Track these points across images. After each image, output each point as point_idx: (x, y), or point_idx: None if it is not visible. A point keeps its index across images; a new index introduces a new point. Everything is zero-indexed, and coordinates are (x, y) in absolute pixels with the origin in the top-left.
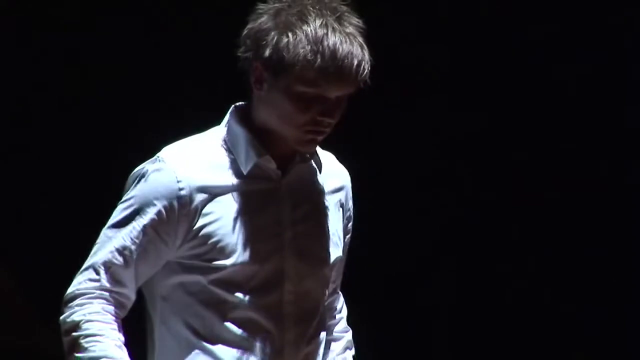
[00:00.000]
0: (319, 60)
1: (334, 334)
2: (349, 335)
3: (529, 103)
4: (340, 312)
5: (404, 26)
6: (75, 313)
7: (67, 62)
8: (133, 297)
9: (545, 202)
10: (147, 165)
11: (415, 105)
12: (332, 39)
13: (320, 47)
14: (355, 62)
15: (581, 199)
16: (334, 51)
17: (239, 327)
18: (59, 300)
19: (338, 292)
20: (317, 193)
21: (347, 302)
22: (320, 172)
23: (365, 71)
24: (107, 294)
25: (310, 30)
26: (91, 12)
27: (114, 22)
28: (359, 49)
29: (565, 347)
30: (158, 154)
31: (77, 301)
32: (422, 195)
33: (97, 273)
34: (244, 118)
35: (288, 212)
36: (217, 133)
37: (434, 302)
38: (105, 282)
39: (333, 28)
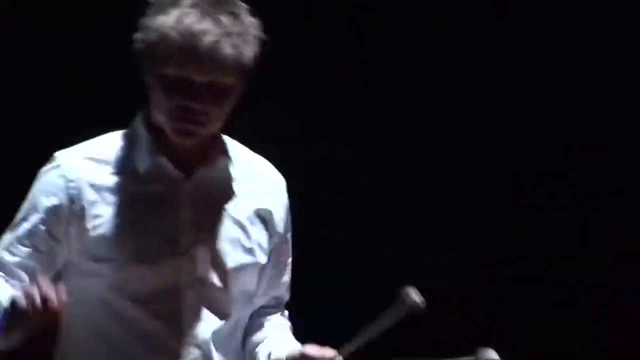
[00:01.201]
0: (174, 35)
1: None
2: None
3: (526, 105)
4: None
5: (402, 29)
6: None
7: (67, 62)
8: None
9: (544, 204)
10: (43, 167)
11: (412, 108)
12: (193, 17)
13: (179, 24)
14: (211, 39)
15: (580, 201)
16: (189, 27)
17: (139, 341)
18: None
19: (282, 311)
20: (228, 200)
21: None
22: (232, 177)
23: (227, 53)
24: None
25: (178, 11)
26: (91, 12)
27: (114, 22)
28: (222, 30)
29: (566, 347)
30: (54, 154)
31: None
32: (421, 195)
33: None
34: (149, 120)
35: (188, 217)
36: (121, 134)
37: None
38: None
39: (201, 10)
